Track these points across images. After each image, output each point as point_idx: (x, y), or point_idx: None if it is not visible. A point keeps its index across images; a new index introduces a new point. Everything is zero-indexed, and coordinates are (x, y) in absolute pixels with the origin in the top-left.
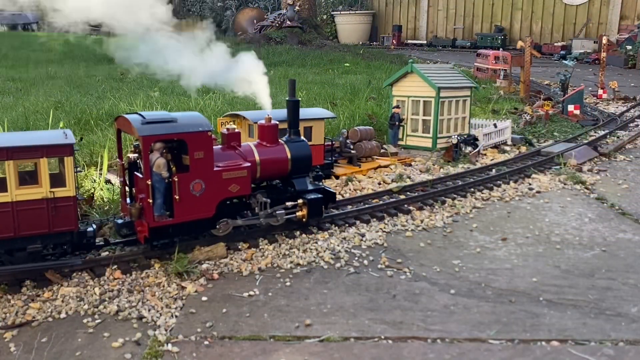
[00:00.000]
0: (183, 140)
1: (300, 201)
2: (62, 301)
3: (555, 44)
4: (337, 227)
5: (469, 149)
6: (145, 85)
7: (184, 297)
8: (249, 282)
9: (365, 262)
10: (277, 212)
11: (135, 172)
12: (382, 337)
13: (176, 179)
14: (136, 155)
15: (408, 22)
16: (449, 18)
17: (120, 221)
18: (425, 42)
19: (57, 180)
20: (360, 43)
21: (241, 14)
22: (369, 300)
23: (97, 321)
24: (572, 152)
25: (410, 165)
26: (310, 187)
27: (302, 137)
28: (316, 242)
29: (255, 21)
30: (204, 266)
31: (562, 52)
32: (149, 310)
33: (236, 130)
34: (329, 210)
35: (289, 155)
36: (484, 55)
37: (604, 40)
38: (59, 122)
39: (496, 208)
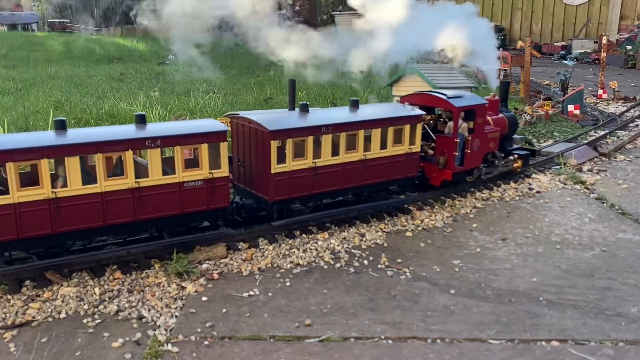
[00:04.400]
0: (473, 109)
1: (516, 156)
2: (62, 301)
3: (555, 44)
4: (337, 227)
5: None
6: (145, 86)
7: (184, 297)
8: (249, 282)
9: (365, 262)
10: (506, 163)
11: (433, 133)
12: (382, 337)
13: (469, 138)
14: (432, 121)
15: None
16: None
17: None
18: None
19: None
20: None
21: None
22: (369, 300)
23: (97, 321)
24: (572, 152)
25: None
26: (513, 146)
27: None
28: (316, 242)
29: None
30: (204, 266)
31: (562, 52)
32: (149, 310)
33: (495, 97)
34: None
35: (506, 122)
36: None
37: (604, 40)
38: None
39: (496, 208)
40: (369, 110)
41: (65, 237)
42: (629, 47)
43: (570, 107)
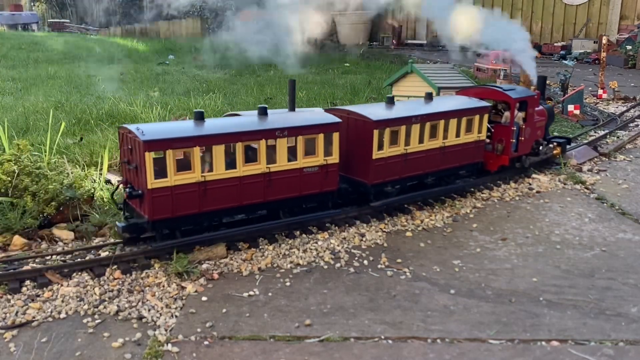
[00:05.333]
0: (526, 101)
1: (555, 144)
2: (62, 301)
3: (555, 44)
4: (337, 227)
5: None
6: (145, 86)
7: (184, 297)
8: (249, 282)
9: (365, 262)
10: (546, 150)
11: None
12: (382, 337)
13: (523, 127)
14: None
15: (408, 22)
16: None
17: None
18: (425, 42)
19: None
20: (360, 43)
21: (242, 15)
22: (369, 300)
23: (97, 321)
24: (572, 152)
25: None
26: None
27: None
28: (316, 242)
29: (255, 22)
30: (204, 266)
31: (562, 52)
32: (149, 310)
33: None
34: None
35: (546, 113)
36: (484, 55)
37: (604, 40)
38: (59, 122)
39: (496, 208)
40: (444, 103)
41: (208, 215)
42: (629, 47)
43: (570, 107)
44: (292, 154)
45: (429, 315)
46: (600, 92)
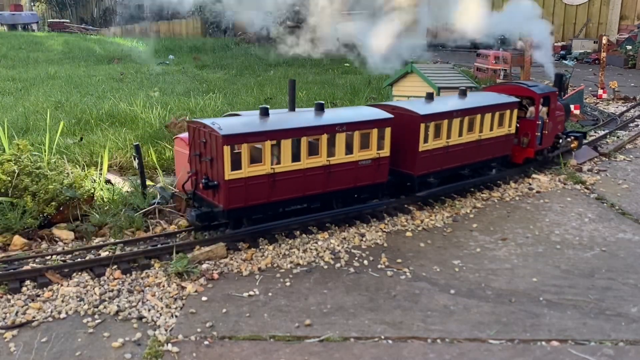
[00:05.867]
0: (548, 96)
1: (572, 137)
2: (62, 301)
3: (555, 44)
4: (337, 227)
5: None
6: (145, 86)
7: (184, 297)
8: (249, 282)
9: (365, 262)
10: (565, 144)
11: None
12: (382, 337)
13: (547, 121)
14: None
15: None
16: None
17: None
18: (425, 42)
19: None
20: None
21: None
22: (369, 300)
23: (97, 321)
24: (572, 152)
25: None
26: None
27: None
28: (316, 242)
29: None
30: (204, 266)
31: (562, 52)
32: (149, 310)
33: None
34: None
35: (563, 108)
36: (484, 55)
37: (604, 40)
38: (59, 122)
39: (496, 208)
40: (478, 98)
41: (275, 205)
42: (629, 47)
43: (570, 107)
44: (348, 147)
45: (429, 315)
46: (600, 92)
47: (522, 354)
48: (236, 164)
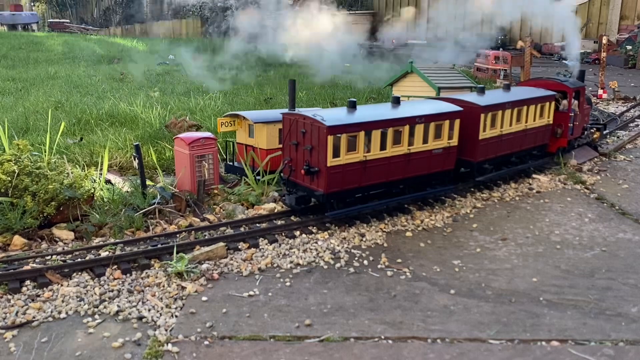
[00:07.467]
0: (579, 90)
1: (595, 129)
2: (62, 301)
3: (555, 44)
4: (337, 227)
5: None
6: (145, 86)
7: (184, 297)
8: (249, 282)
9: (365, 262)
10: (589, 134)
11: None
12: (382, 337)
13: (578, 113)
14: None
15: (408, 21)
16: None
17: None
18: (425, 42)
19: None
20: (360, 43)
21: (242, 15)
22: (369, 300)
23: (97, 321)
24: (572, 152)
25: None
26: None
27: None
28: (316, 242)
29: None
30: (204, 266)
31: (563, 52)
32: (149, 310)
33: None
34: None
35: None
36: (484, 55)
37: (604, 40)
38: (59, 122)
39: (496, 208)
40: (522, 92)
41: (364, 189)
42: (629, 47)
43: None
44: (424, 137)
45: (429, 315)
46: (600, 92)
47: (522, 354)
48: (336, 152)
